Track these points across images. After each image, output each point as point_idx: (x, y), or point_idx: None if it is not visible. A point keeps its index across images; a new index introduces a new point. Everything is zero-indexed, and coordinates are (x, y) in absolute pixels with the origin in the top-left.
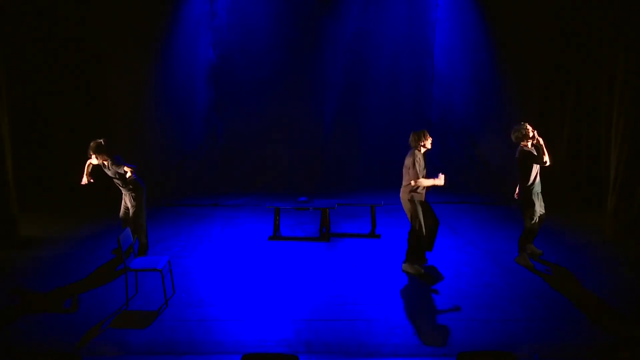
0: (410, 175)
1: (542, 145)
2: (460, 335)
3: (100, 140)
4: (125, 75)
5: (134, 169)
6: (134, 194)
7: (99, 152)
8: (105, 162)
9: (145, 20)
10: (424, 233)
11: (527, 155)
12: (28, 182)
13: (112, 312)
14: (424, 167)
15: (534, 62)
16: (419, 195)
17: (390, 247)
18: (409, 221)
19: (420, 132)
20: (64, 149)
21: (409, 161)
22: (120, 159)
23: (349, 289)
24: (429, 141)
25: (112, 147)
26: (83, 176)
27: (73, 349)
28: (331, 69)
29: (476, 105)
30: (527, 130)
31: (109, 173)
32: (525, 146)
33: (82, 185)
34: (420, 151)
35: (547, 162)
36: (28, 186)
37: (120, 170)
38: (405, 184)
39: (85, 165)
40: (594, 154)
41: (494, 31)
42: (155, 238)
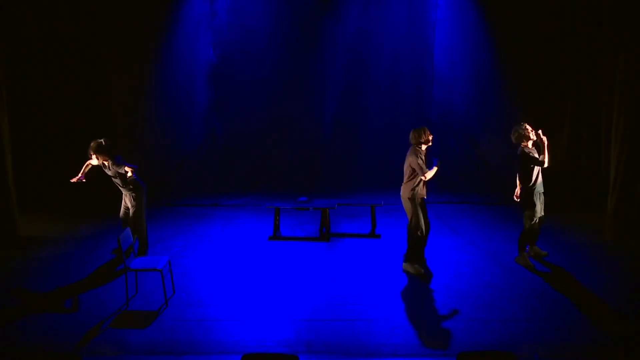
0: (417, 171)
1: (544, 145)
2: (460, 335)
3: (100, 140)
4: (125, 75)
5: (135, 169)
6: (134, 194)
7: (99, 152)
8: (106, 162)
9: (145, 20)
10: (423, 233)
11: (526, 157)
12: (28, 182)
13: (112, 312)
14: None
15: (534, 62)
16: (419, 195)
17: (390, 247)
18: (408, 219)
19: (420, 129)
20: (64, 149)
21: (411, 158)
22: (121, 159)
23: (349, 289)
24: (429, 138)
25: (113, 147)
26: (79, 174)
27: (73, 349)
28: (331, 69)
29: (476, 105)
30: (526, 130)
31: (109, 173)
32: (525, 146)
33: (73, 182)
34: (421, 148)
35: (545, 163)
36: (28, 186)
37: (121, 171)
38: (406, 181)
39: (84, 165)
40: (594, 154)
41: (494, 31)
42: (155, 238)
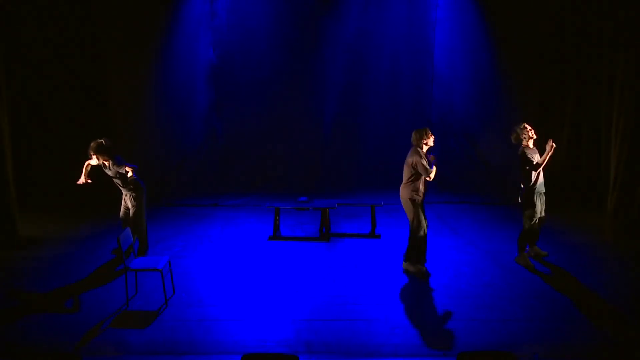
0: (421, 172)
1: (549, 152)
2: (460, 335)
3: (101, 140)
4: (125, 75)
5: (135, 168)
6: (134, 194)
7: (100, 152)
8: (106, 163)
9: (145, 20)
10: (424, 233)
11: (523, 158)
12: (28, 182)
13: (112, 312)
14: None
15: (534, 62)
16: (419, 196)
17: (390, 247)
18: (408, 220)
19: (422, 129)
20: (64, 149)
21: (414, 159)
22: (121, 159)
23: (349, 289)
24: (431, 139)
25: (113, 147)
26: (81, 176)
27: (73, 349)
28: (331, 69)
29: (476, 105)
30: (526, 130)
31: (110, 173)
32: (526, 146)
33: (79, 184)
34: (423, 149)
35: (539, 165)
36: (28, 186)
37: (122, 171)
38: (406, 182)
39: (84, 165)
40: (594, 154)
41: (494, 31)
42: (155, 238)
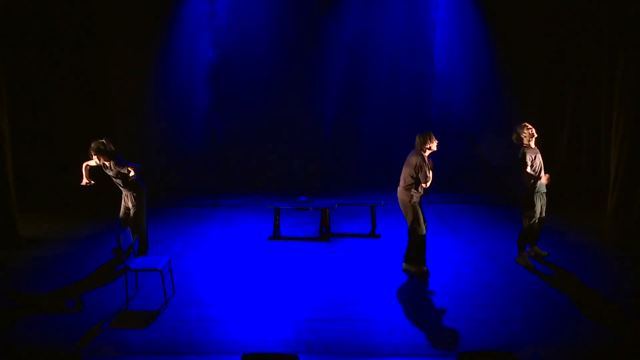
0: (420, 178)
1: (547, 180)
2: (460, 335)
3: (101, 140)
4: (125, 75)
5: (138, 168)
6: (134, 194)
7: (100, 153)
8: (107, 163)
9: (145, 20)
10: (423, 233)
11: (523, 160)
12: (28, 182)
13: (112, 312)
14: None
15: (534, 62)
16: (418, 198)
17: (390, 247)
18: (407, 221)
19: (426, 134)
20: (64, 149)
21: (413, 161)
22: (122, 159)
23: (349, 289)
24: (435, 144)
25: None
26: (83, 177)
27: (73, 349)
28: (331, 69)
29: (476, 105)
30: (527, 129)
31: (111, 173)
32: (527, 146)
33: (82, 185)
34: (425, 153)
35: (529, 174)
36: (28, 186)
37: (124, 171)
38: (404, 185)
39: (83, 167)
40: (594, 154)
41: (494, 31)
42: (155, 238)
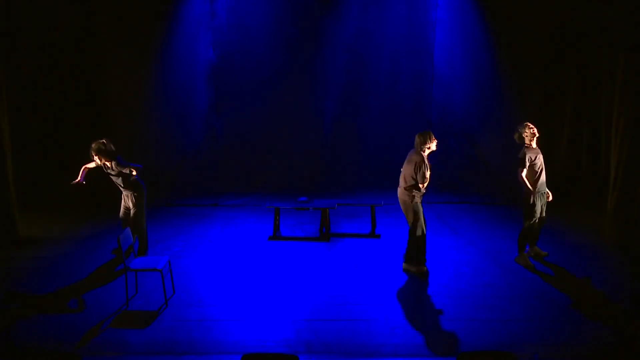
0: (418, 178)
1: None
2: (460, 335)
3: (102, 140)
4: (125, 75)
5: (140, 169)
6: (135, 194)
7: (101, 153)
8: (108, 163)
9: (145, 20)
10: (423, 233)
11: (522, 160)
12: (28, 182)
13: (112, 312)
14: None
15: (534, 62)
16: (420, 198)
17: (390, 247)
18: (407, 221)
19: (425, 133)
20: (64, 149)
21: (413, 161)
22: (122, 159)
23: (349, 289)
24: (434, 143)
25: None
26: (78, 177)
27: (73, 349)
28: (331, 69)
29: (476, 105)
30: (528, 128)
31: (112, 173)
32: (528, 146)
33: (73, 184)
34: (425, 152)
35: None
36: (28, 186)
37: (125, 171)
38: (404, 185)
39: (82, 168)
40: (594, 154)
41: (494, 31)
42: (155, 238)
